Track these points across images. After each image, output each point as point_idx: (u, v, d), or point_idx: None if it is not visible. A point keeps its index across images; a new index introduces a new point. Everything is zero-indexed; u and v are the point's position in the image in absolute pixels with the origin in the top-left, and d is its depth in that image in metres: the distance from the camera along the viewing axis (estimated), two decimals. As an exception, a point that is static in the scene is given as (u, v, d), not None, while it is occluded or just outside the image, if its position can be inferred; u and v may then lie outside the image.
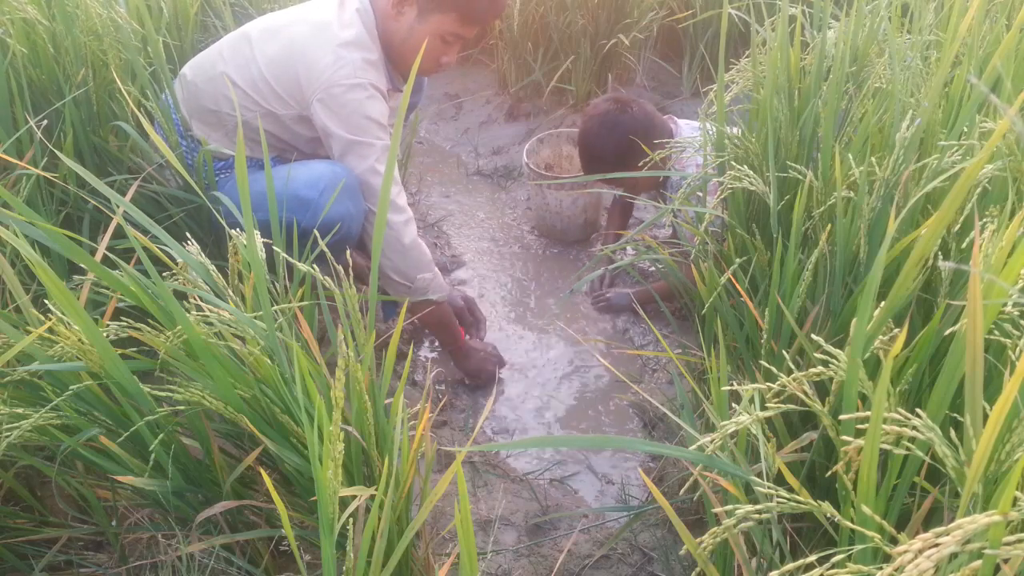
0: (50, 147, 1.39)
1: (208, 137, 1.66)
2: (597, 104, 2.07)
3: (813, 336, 0.91)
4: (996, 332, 0.85)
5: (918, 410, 0.72)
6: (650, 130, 1.96)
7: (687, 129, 2.05)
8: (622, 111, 1.99)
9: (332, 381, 0.87)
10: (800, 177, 1.22)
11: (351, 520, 0.87)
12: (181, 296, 1.04)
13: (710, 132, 1.54)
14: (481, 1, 1.58)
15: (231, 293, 1.09)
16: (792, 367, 0.90)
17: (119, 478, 1.04)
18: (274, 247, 1.11)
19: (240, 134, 0.97)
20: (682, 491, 1.04)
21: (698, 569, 0.90)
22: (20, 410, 0.99)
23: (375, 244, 1.00)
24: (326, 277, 1.05)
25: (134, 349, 1.04)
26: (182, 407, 1.03)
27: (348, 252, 1.19)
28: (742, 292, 1.21)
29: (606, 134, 2.00)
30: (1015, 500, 0.61)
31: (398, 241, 1.64)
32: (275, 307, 1.05)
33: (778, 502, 0.76)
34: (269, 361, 1.00)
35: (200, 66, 1.68)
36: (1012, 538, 0.59)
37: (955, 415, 0.79)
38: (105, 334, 0.97)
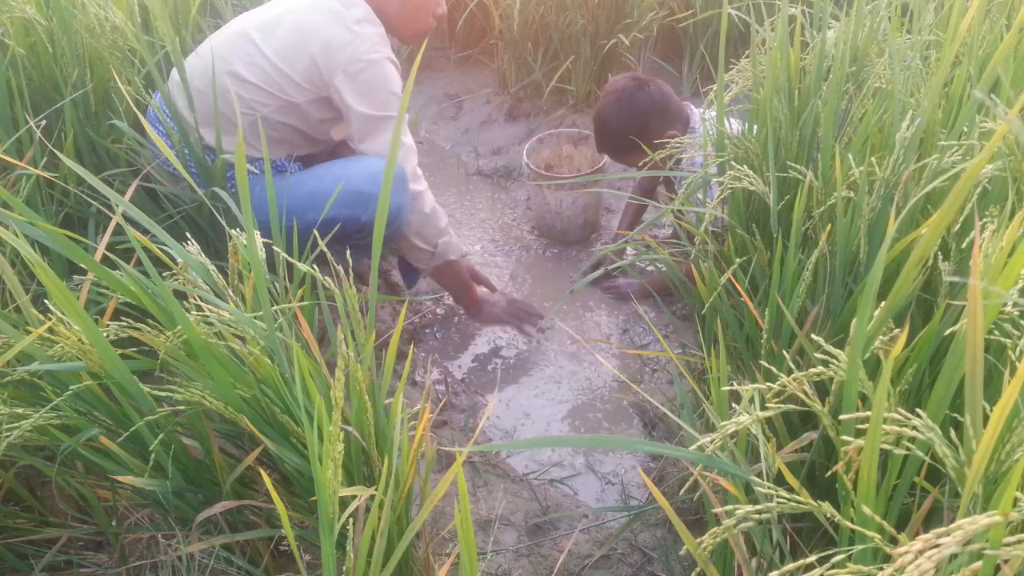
0: (50, 147, 1.39)
1: (224, 143, 1.66)
2: (617, 80, 2.03)
3: (813, 336, 0.91)
4: (996, 332, 0.85)
5: (918, 410, 0.72)
6: (667, 110, 1.94)
7: (699, 115, 2.04)
8: (640, 88, 1.96)
9: (332, 381, 0.87)
10: (800, 177, 1.22)
11: (351, 520, 0.87)
12: (181, 296, 1.04)
13: (710, 132, 1.54)
14: None
15: (231, 293, 1.09)
16: (792, 367, 0.90)
17: (119, 478, 1.04)
18: (273, 247, 1.11)
19: (240, 135, 0.97)
20: (682, 491, 1.04)
21: (698, 569, 0.90)
22: (20, 410, 0.99)
23: (377, 222, 0.96)
24: (326, 278, 1.05)
25: (134, 349, 1.04)
26: (182, 407, 1.03)
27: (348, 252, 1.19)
28: (742, 292, 1.21)
29: (621, 109, 1.97)
30: (1015, 500, 0.61)
31: (420, 210, 1.73)
32: (275, 307, 1.05)
33: (778, 502, 0.76)
34: (269, 361, 1.00)
35: (200, 71, 1.66)
36: (1012, 538, 0.59)
37: (955, 415, 0.79)
38: (105, 334, 0.97)
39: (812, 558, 0.69)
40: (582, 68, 3.00)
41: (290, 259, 1.09)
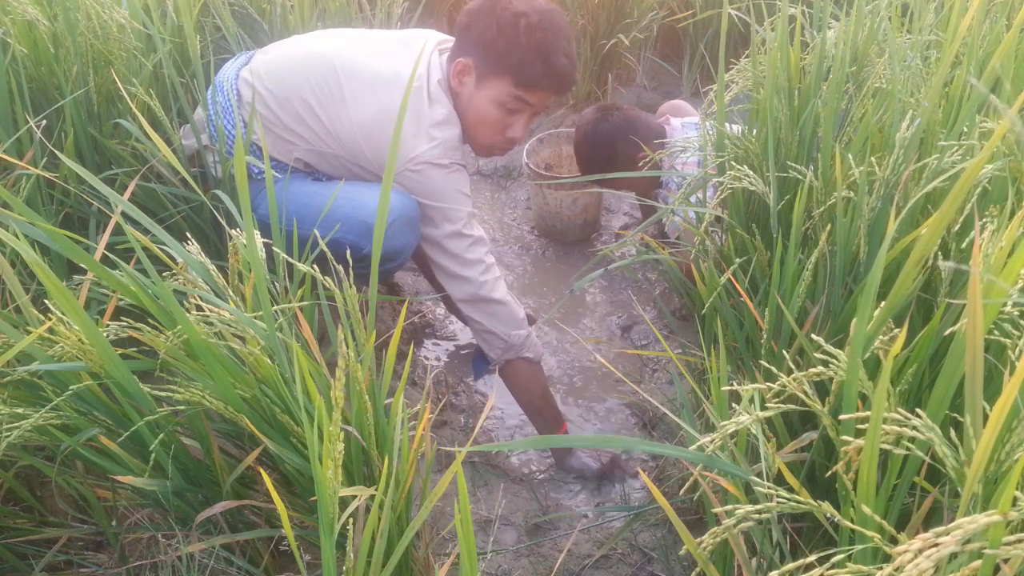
0: (50, 147, 1.38)
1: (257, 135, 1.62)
2: (584, 113, 2.18)
3: (813, 336, 0.91)
4: (996, 332, 0.85)
5: (918, 410, 0.72)
6: (634, 134, 2.03)
7: (681, 130, 2.06)
8: (604, 119, 2.10)
9: (332, 381, 0.87)
10: (800, 177, 1.22)
11: (351, 520, 0.87)
12: (181, 296, 1.04)
13: (710, 132, 1.54)
14: (534, 63, 1.52)
15: (231, 293, 1.09)
16: (792, 367, 0.90)
17: (119, 478, 1.04)
18: (274, 247, 1.11)
19: (239, 134, 0.97)
20: (682, 491, 1.04)
21: (698, 569, 0.90)
22: (20, 410, 0.99)
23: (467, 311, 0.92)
24: (326, 277, 1.05)
25: (134, 349, 1.04)
26: (182, 407, 1.03)
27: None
28: (742, 292, 1.21)
29: (589, 141, 2.12)
30: (1015, 500, 0.61)
31: (489, 297, 1.64)
32: (275, 307, 1.05)
33: (778, 502, 0.76)
34: (269, 361, 1.00)
35: (278, 78, 1.61)
36: (1012, 538, 0.59)
37: (955, 415, 0.79)
38: (105, 334, 0.97)
39: (812, 558, 0.69)
40: (582, 68, 3.00)
41: (290, 259, 1.09)
